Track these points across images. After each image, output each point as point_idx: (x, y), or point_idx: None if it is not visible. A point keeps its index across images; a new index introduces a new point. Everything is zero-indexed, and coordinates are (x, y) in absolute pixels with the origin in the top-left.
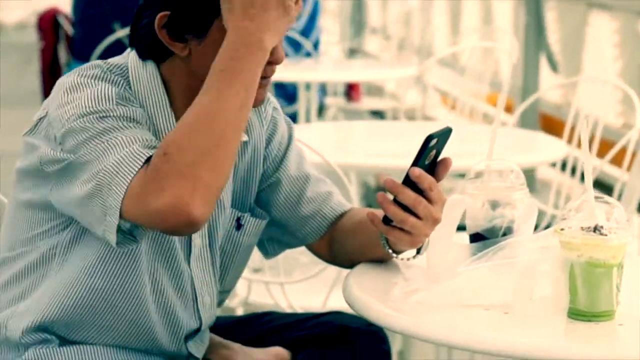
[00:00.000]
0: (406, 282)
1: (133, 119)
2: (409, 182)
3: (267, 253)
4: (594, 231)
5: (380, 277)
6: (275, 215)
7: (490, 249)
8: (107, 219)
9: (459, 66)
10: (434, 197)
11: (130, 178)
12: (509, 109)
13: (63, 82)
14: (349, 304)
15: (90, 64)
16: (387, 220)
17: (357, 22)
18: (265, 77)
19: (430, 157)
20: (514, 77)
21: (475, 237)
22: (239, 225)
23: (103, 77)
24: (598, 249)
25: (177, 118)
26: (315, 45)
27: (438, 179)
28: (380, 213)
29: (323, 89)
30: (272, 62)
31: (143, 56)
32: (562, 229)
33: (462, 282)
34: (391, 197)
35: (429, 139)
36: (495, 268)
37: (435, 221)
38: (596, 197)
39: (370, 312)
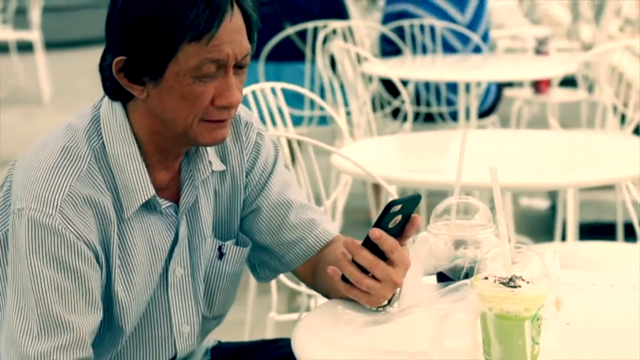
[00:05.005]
0: (345, 325)
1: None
2: (369, 243)
3: (259, 277)
4: (508, 283)
5: (331, 317)
6: (259, 241)
7: (439, 291)
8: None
9: None
10: (396, 260)
11: None
12: None
13: (28, 154)
14: (292, 342)
15: (67, 125)
16: (346, 279)
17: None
18: (220, 120)
19: (395, 221)
20: None
21: (441, 277)
22: (221, 254)
23: (65, 162)
24: (507, 301)
25: (147, 163)
26: (484, 38)
27: (404, 238)
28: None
29: (498, 83)
30: (227, 107)
31: (111, 97)
32: (484, 279)
33: (396, 327)
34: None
35: (390, 204)
36: (433, 312)
37: (395, 284)
38: (517, 246)
39: (301, 352)
